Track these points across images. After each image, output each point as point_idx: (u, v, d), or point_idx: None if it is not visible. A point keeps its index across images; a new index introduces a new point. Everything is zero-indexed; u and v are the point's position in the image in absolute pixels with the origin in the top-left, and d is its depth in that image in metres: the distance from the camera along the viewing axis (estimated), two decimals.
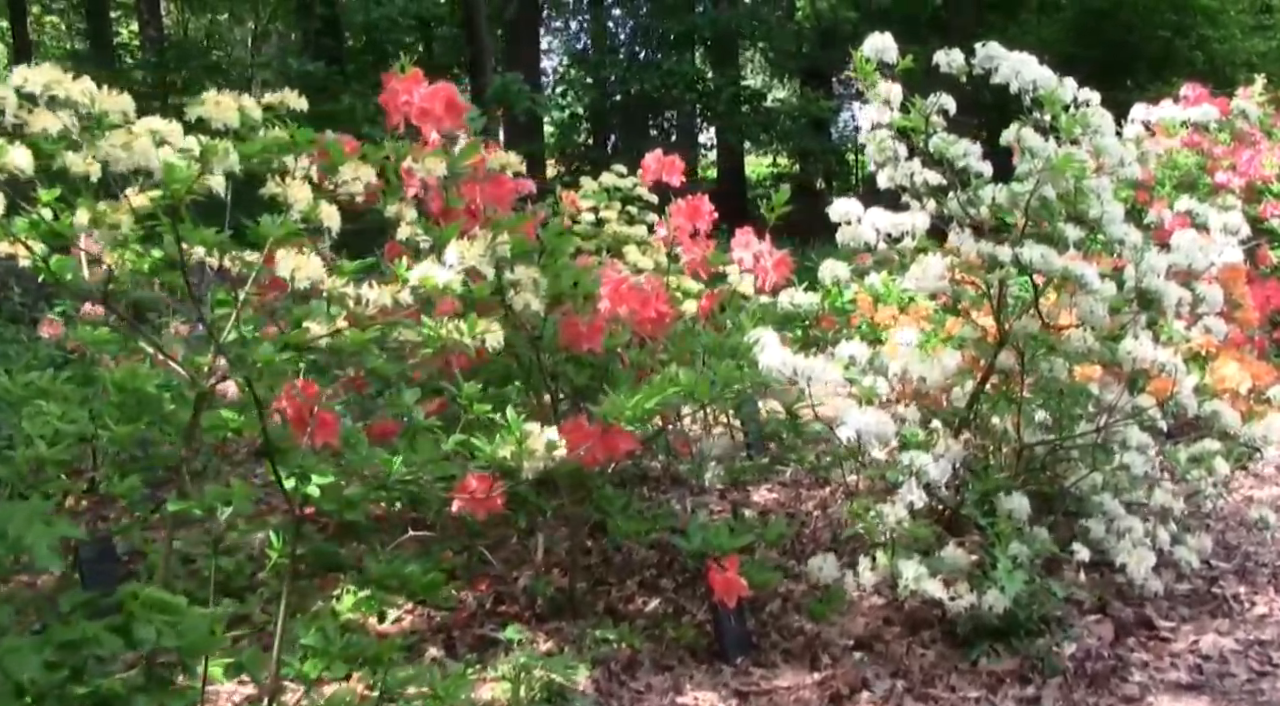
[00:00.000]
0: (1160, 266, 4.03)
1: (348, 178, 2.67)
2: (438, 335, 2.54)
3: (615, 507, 4.38)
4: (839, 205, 4.15)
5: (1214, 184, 9.03)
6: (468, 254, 2.64)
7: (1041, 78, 4.01)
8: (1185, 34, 19.71)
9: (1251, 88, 10.59)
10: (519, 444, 2.56)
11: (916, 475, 3.62)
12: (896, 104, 4.17)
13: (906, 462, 3.64)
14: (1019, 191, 4.02)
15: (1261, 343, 7.44)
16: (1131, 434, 4.38)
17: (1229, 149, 9.28)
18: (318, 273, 2.41)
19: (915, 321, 6.97)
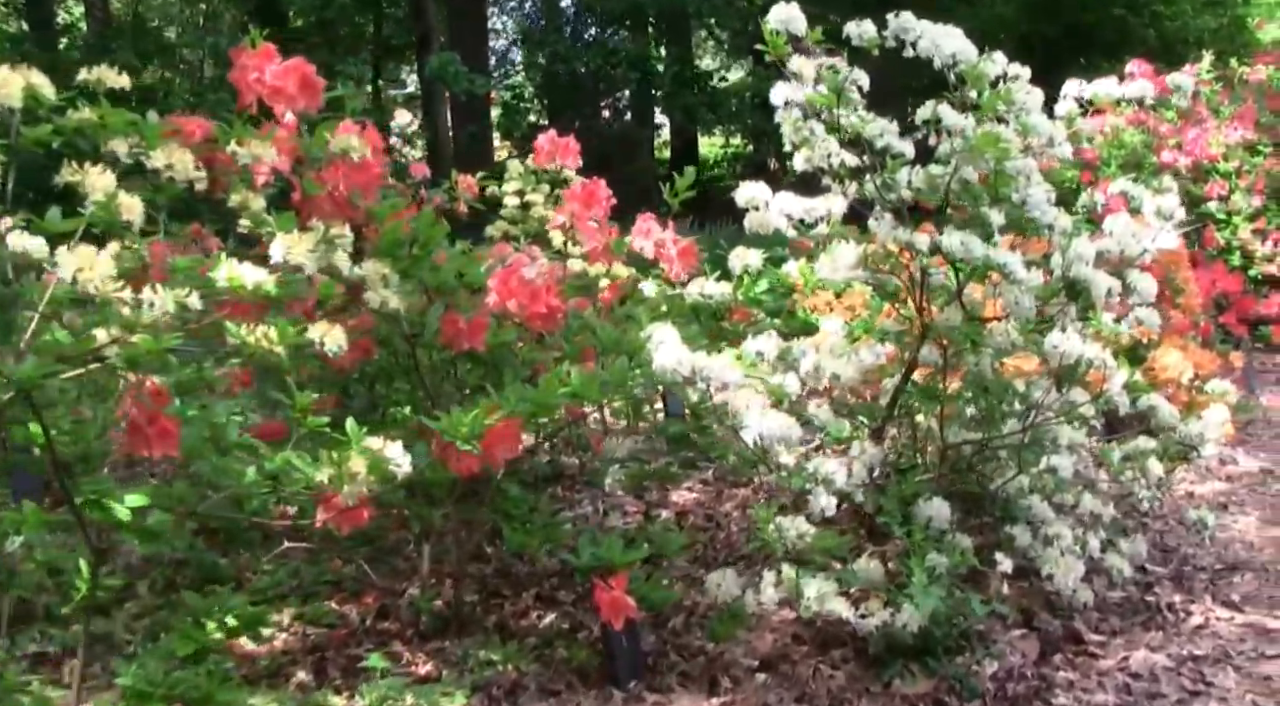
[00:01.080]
0: (1088, 253, 3.75)
1: (160, 164, 2.35)
2: (245, 342, 2.21)
3: (518, 513, 4.12)
4: (744, 189, 3.84)
5: (1160, 163, 8.79)
6: (294, 249, 2.33)
7: (962, 50, 3.71)
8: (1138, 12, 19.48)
9: (1198, 65, 10.40)
10: (337, 466, 2.24)
11: (823, 483, 3.33)
12: (810, 79, 3.87)
13: (811, 470, 3.34)
14: (937, 174, 3.72)
15: (1207, 328, 7.21)
16: (1063, 432, 4.11)
17: (1174, 127, 9.05)
18: (106, 272, 2.09)
19: (851, 309, 6.71)
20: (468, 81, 12.93)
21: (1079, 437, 4.18)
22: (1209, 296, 7.54)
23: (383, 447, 2.41)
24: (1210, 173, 9.04)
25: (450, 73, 12.66)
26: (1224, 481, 5.71)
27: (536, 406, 3.20)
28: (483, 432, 2.72)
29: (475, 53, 17.06)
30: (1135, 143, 9.23)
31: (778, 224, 3.85)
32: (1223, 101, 9.89)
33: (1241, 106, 9.55)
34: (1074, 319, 3.94)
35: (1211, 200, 8.97)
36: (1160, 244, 4.17)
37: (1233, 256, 8.83)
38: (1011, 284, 3.76)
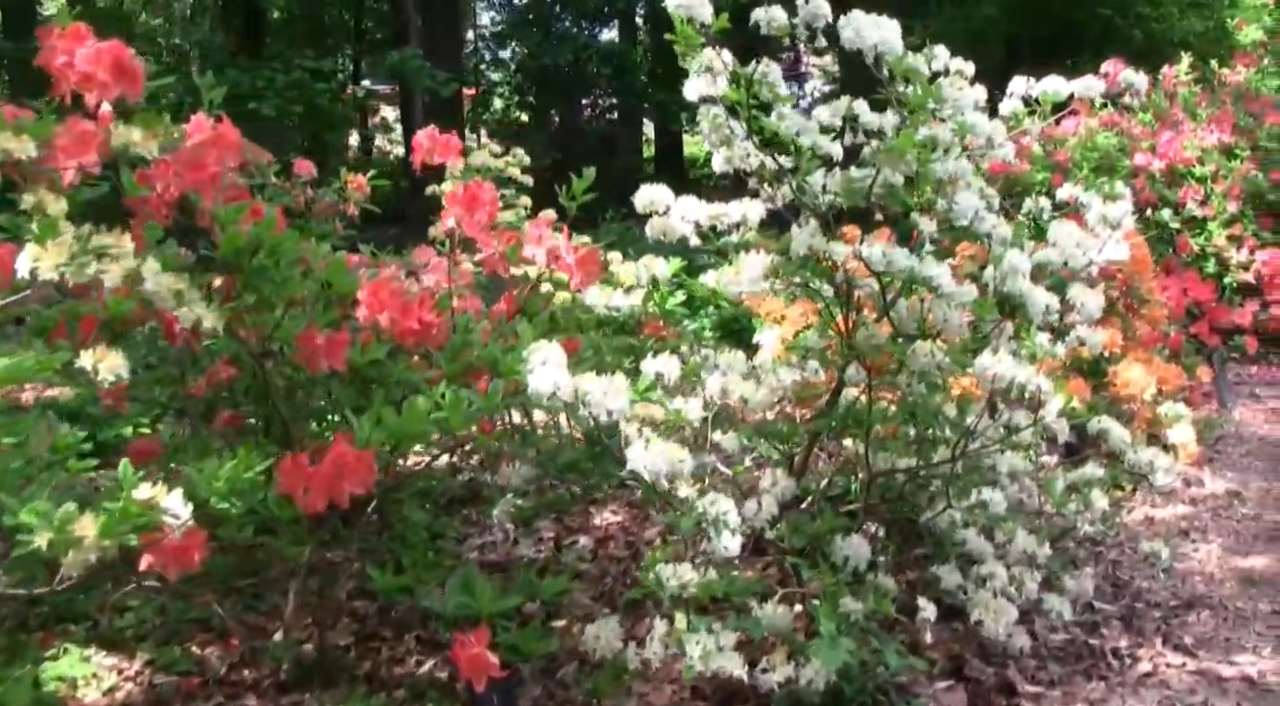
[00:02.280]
0: (1023, 266, 3.39)
1: None
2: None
3: (416, 540, 3.80)
4: (644, 192, 3.48)
5: (1133, 166, 8.43)
6: (43, 261, 1.96)
7: (886, 41, 3.34)
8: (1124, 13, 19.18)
9: (1177, 66, 10.05)
10: (57, 529, 1.87)
11: (715, 523, 2.96)
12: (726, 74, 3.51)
13: (702, 508, 2.97)
14: (856, 177, 3.37)
15: (1177, 339, 6.85)
16: (1003, 460, 3.76)
17: (1149, 130, 8.70)
18: None
19: (804, 317, 6.35)
20: (429, 77, 12.54)
21: (1020, 465, 3.83)
22: (1180, 306, 7.18)
23: (154, 496, 2.03)
24: (1185, 177, 8.68)
25: (412, 68, 12.28)
26: (1187, 505, 5.35)
27: (398, 435, 2.88)
28: (246, 486, 2.35)
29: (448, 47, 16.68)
30: (1109, 146, 8.88)
31: (682, 230, 3.49)
32: (1201, 103, 9.54)
33: (1219, 109, 9.19)
34: (1011, 338, 3.59)
35: (1186, 205, 8.60)
36: (1108, 255, 3.83)
37: (1207, 263, 8.48)
38: (940, 298, 3.41)
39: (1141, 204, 8.60)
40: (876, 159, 3.30)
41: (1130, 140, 8.82)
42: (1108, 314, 5.95)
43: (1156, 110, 9.16)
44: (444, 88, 13.12)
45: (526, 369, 3.01)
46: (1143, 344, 6.19)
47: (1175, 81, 9.93)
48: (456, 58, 17.31)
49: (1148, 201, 8.57)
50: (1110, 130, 9.02)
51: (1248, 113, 9.11)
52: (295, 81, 12.06)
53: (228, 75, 11.85)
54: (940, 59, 4.12)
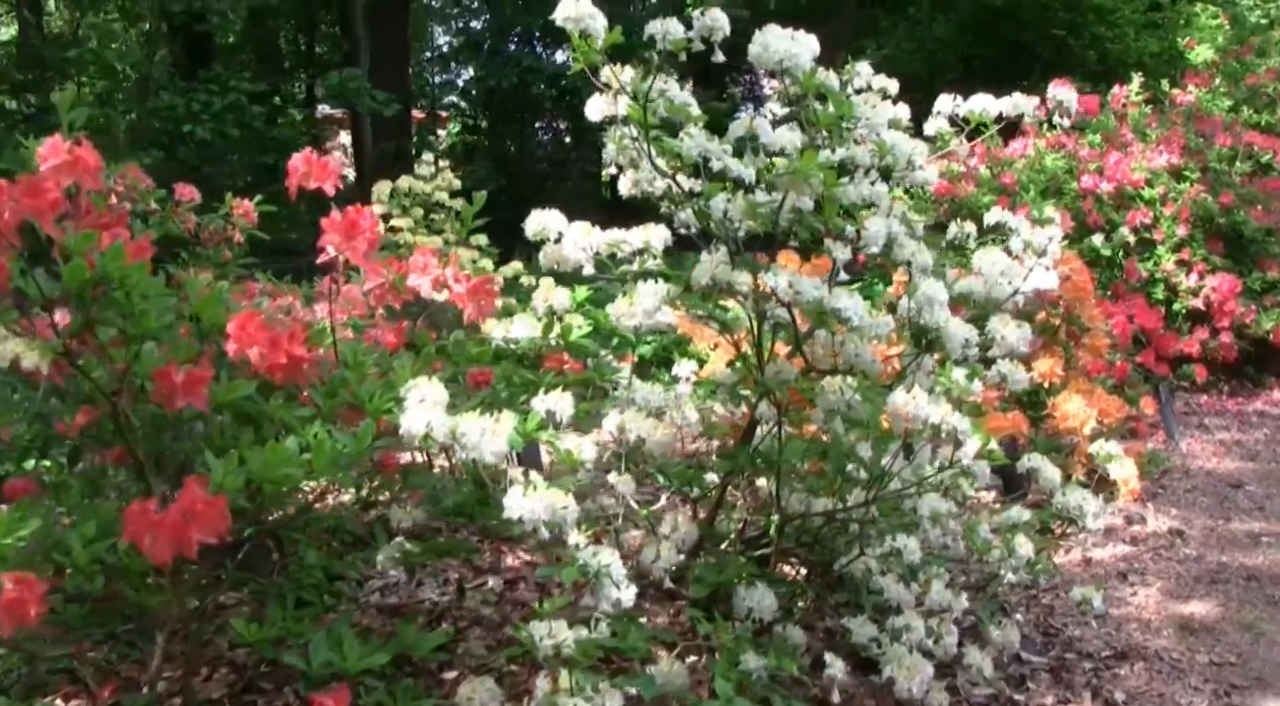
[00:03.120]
0: (940, 297, 3.17)
1: None
2: None
3: (312, 582, 3.56)
4: (534, 218, 3.25)
5: (1080, 189, 8.26)
6: None
7: (791, 54, 3.12)
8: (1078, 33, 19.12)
9: (1128, 86, 9.90)
10: None
11: (597, 576, 2.72)
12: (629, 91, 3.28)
13: (584, 560, 2.73)
14: (760, 201, 3.14)
15: (1123, 368, 6.65)
16: (925, 501, 3.52)
17: (1096, 151, 8.52)
18: None
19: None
20: (370, 97, 12.29)
21: (942, 508, 3.60)
22: (1126, 334, 6.99)
23: None
24: (1134, 200, 8.50)
25: (352, 89, 12.02)
26: (1128, 544, 5.14)
27: (260, 479, 2.64)
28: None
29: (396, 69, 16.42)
30: (1056, 168, 8.70)
31: (576, 258, 3.25)
32: (1151, 124, 9.38)
33: (1169, 130, 9.04)
34: (930, 373, 3.37)
35: (1134, 229, 8.43)
36: (1036, 284, 3.62)
37: (1156, 289, 8.30)
38: (851, 331, 3.18)
39: (1089, 227, 8.42)
40: (779, 182, 3.07)
41: (1078, 162, 8.65)
42: (1049, 342, 5.77)
43: (1105, 131, 8.99)
44: (386, 108, 12.87)
45: (403, 407, 2.77)
46: (1085, 374, 6.00)
47: (1126, 102, 9.78)
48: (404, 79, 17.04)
49: (1095, 225, 8.39)
50: (1057, 152, 8.84)
51: (1198, 134, 8.95)
52: (231, 104, 11.79)
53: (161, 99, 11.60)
54: (863, 76, 3.94)
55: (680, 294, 3.17)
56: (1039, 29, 19.14)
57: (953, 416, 3.02)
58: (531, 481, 2.83)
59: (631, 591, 2.85)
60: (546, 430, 3.04)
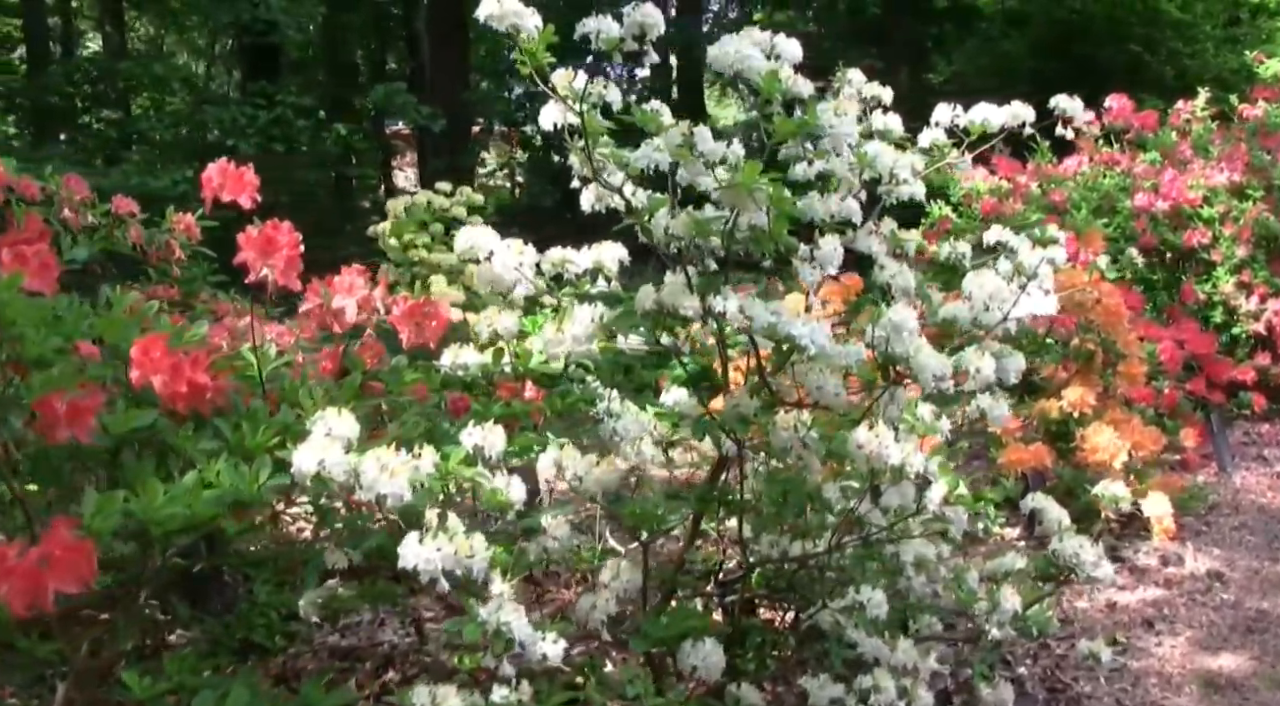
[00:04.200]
0: (909, 324, 2.85)
1: None
2: None
3: (264, 622, 3.35)
4: (464, 236, 2.96)
5: (1134, 207, 7.86)
6: None
7: (742, 57, 2.83)
8: (1155, 49, 18.61)
9: (1193, 102, 9.48)
10: None
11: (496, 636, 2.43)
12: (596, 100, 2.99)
13: (484, 617, 2.45)
14: (708, 218, 2.84)
15: (1172, 396, 6.26)
16: (908, 547, 3.21)
17: (1151, 168, 8.12)
18: None
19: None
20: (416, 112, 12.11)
21: (929, 553, 3.28)
22: (1175, 359, 6.58)
23: None
24: (1192, 219, 8.08)
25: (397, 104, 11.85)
26: (1160, 587, 4.76)
27: (146, 520, 2.40)
28: None
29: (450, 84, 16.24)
30: (1109, 186, 8.30)
31: (509, 278, 2.97)
32: (1215, 141, 8.94)
33: (1232, 146, 8.60)
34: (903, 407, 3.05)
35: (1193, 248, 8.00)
36: (1032, 309, 3.30)
37: (1214, 312, 7.86)
38: (810, 361, 2.88)
39: (1143, 248, 8.02)
40: (722, 196, 2.78)
41: (1133, 179, 8.24)
42: (1084, 370, 5.41)
43: (1162, 147, 8.57)
44: (434, 123, 12.69)
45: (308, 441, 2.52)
46: (1126, 402, 5.63)
47: (1191, 117, 9.35)
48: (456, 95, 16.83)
49: (1148, 245, 7.99)
50: (1110, 168, 8.45)
51: (1264, 150, 8.50)
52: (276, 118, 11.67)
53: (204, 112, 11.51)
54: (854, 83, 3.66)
55: (619, 320, 2.88)
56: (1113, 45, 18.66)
57: (916, 457, 2.71)
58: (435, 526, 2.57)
59: (558, 647, 2.57)
60: (475, 465, 2.77)
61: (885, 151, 3.25)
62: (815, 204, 3.05)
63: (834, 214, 3.05)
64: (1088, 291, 5.25)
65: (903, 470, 2.73)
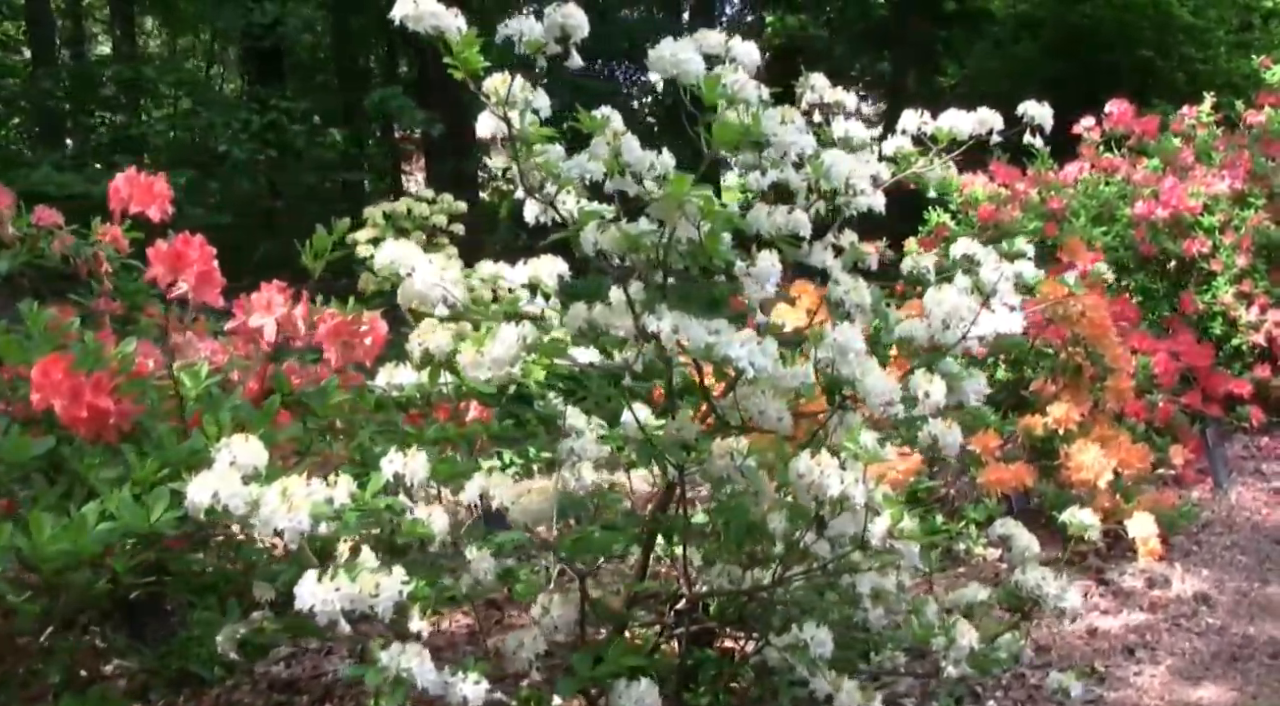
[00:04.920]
0: (855, 344, 2.69)
1: None
2: None
3: (198, 653, 3.22)
4: (385, 251, 2.80)
5: (1133, 215, 7.68)
6: None
7: (676, 60, 2.67)
8: (1167, 54, 18.40)
9: (1199, 107, 9.30)
10: None
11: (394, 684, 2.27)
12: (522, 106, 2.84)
13: (385, 661, 2.29)
14: (639, 232, 2.68)
15: (1166, 410, 6.08)
16: (864, 578, 3.05)
17: (1152, 175, 7.93)
18: None
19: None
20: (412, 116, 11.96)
21: (889, 584, 3.12)
22: (1169, 372, 6.40)
23: None
24: (1192, 227, 7.89)
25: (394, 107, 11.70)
26: (1144, 611, 4.58)
27: (35, 558, 2.28)
28: None
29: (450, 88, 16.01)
30: (1109, 193, 8.12)
31: (434, 296, 2.80)
32: (1219, 147, 8.76)
33: (1235, 153, 8.41)
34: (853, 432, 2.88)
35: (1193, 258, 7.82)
36: (995, 327, 3.14)
37: (1214, 323, 7.67)
38: (749, 384, 2.72)
39: (1143, 257, 7.85)
40: (653, 209, 2.62)
41: (1133, 186, 8.06)
42: (1071, 384, 5.25)
43: (1163, 154, 8.39)
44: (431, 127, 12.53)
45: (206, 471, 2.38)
46: (1116, 417, 5.45)
47: (1196, 123, 9.15)
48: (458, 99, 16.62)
49: (1149, 254, 7.81)
50: (1110, 175, 8.27)
51: (1266, 157, 8.31)
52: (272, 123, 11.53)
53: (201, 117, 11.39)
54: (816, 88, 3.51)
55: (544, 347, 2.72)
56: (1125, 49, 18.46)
57: (857, 488, 2.55)
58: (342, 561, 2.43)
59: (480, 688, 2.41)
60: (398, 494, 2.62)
61: (841, 160, 3.07)
62: (761, 216, 2.88)
63: (780, 227, 2.89)
64: (1071, 304, 5.07)
65: (842, 501, 2.56)
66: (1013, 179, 8.27)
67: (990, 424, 5.04)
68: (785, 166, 3.08)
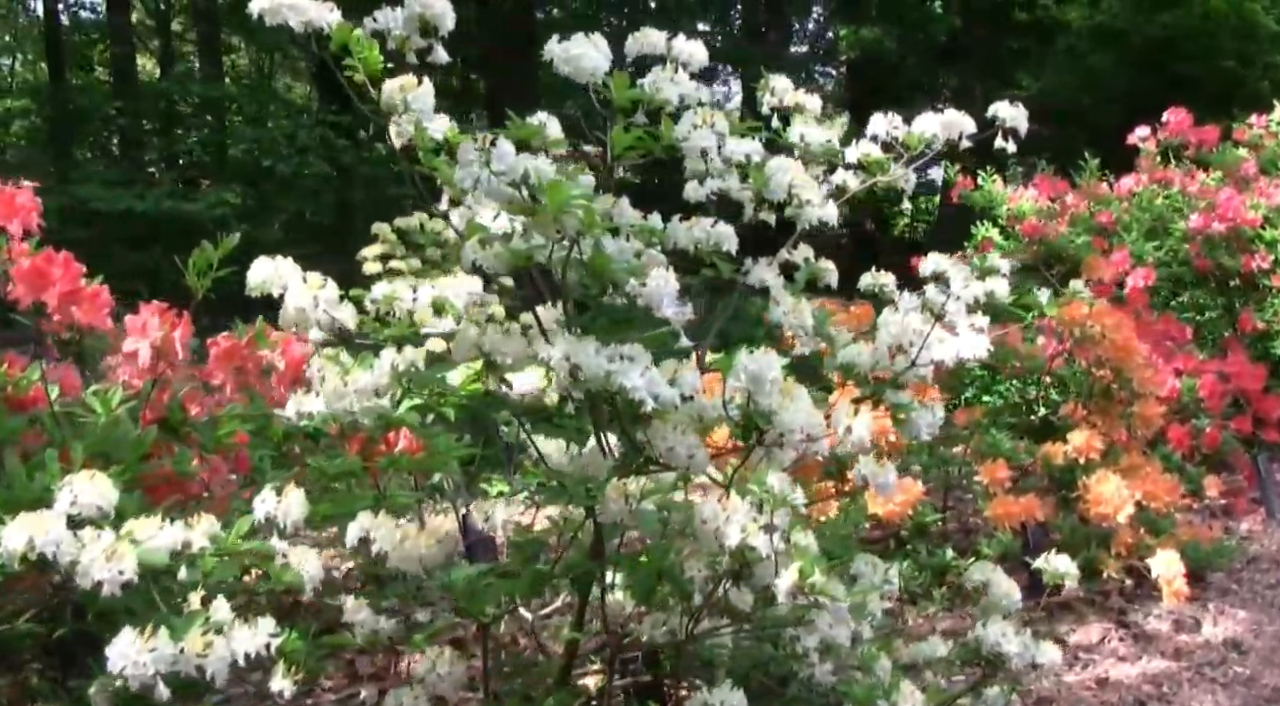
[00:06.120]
0: (769, 373, 2.39)
1: None
2: None
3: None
4: (259, 267, 2.53)
5: (1188, 229, 7.26)
6: None
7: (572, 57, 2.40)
8: (1251, 63, 17.82)
9: (1267, 116, 8.86)
10: None
11: None
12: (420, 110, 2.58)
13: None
14: (526, 249, 2.41)
15: (1214, 436, 5.69)
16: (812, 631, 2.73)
17: (1209, 187, 7.51)
18: None
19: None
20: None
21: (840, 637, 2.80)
22: (1215, 395, 5.99)
23: None
24: (1254, 240, 7.45)
25: None
26: (1166, 657, 4.21)
27: None
28: None
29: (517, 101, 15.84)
30: (1162, 206, 7.71)
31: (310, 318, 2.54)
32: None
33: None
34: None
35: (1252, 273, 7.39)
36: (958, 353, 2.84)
37: (1275, 343, 7.24)
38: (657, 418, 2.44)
39: (1198, 273, 7.44)
40: (529, 224, 2.34)
41: (1188, 199, 7.65)
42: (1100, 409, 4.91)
43: (1223, 165, 7.95)
44: None
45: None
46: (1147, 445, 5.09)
47: (1265, 132, 8.70)
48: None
49: (1204, 270, 7.39)
50: (1165, 187, 7.86)
51: None
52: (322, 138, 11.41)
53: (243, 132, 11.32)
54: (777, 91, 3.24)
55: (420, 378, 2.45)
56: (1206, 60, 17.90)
57: (759, 538, 2.25)
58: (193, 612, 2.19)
59: None
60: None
61: (782, 168, 2.78)
62: (678, 230, 2.60)
63: (700, 241, 2.60)
64: (1090, 325, 4.72)
65: (743, 552, 2.26)
66: (1060, 192, 7.88)
67: (1003, 453, 4.70)
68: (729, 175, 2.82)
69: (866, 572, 2.85)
